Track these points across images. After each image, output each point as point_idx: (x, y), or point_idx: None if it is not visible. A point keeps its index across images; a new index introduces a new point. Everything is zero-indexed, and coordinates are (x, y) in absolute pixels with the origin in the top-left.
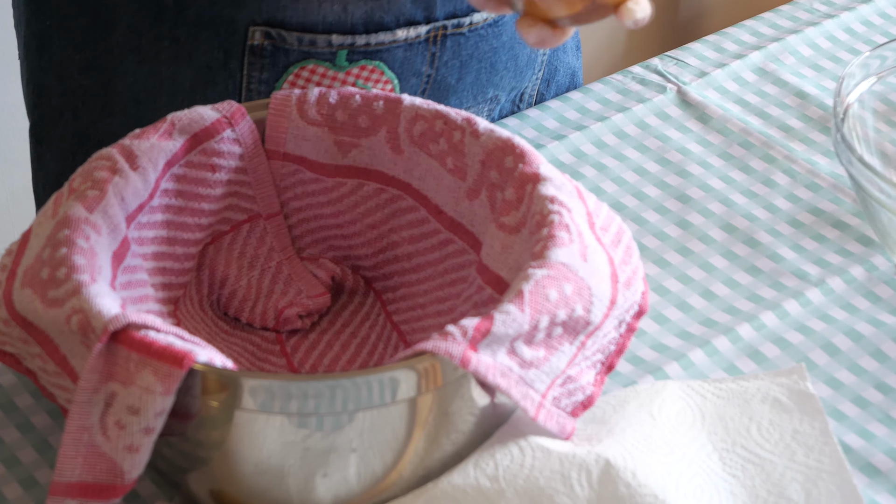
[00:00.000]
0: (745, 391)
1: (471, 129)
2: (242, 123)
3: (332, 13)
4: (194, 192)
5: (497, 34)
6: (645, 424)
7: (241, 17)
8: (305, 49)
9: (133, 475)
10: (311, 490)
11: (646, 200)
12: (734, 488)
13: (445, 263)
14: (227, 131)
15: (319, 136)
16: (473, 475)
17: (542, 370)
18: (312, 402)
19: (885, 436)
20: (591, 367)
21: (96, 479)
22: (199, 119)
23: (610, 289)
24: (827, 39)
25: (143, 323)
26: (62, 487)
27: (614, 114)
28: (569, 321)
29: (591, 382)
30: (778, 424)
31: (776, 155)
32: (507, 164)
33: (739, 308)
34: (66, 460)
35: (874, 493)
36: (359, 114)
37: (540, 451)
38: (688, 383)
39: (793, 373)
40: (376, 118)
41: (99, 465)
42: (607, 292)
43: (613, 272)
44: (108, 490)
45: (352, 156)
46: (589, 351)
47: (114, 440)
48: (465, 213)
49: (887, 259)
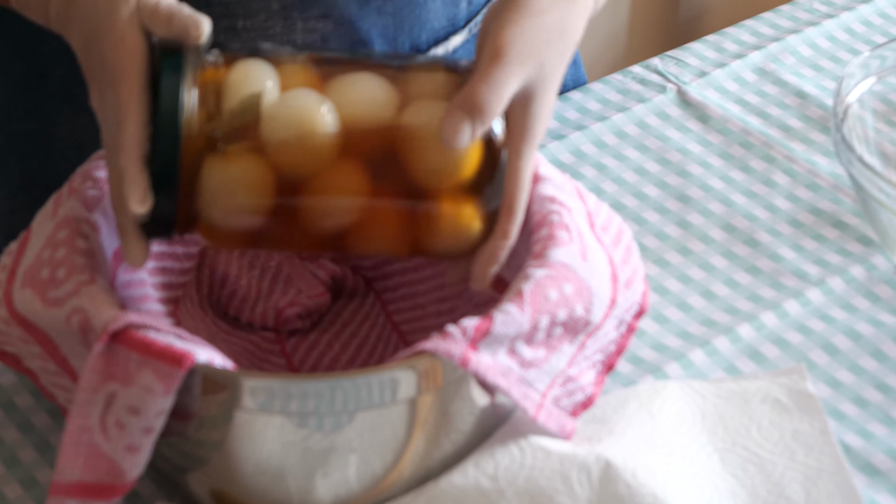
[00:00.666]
0: (745, 391)
1: None
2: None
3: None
4: None
5: None
6: (645, 424)
7: None
8: None
9: (133, 475)
10: (311, 490)
11: (646, 200)
12: (734, 488)
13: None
14: None
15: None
16: (473, 475)
17: (542, 370)
18: (312, 402)
19: (884, 436)
20: (591, 368)
21: (97, 480)
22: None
23: (610, 289)
24: (827, 39)
25: (142, 323)
26: (62, 487)
27: (614, 114)
28: (569, 321)
29: (592, 382)
30: (778, 424)
31: (776, 155)
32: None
33: (739, 308)
34: (66, 460)
35: (874, 492)
36: None
37: (540, 451)
38: (688, 383)
39: (793, 373)
40: None
41: (99, 465)
42: (607, 292)
43: (613, 272)
44: (108, 490)
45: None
46: (589, 351)
47: (114, 440)
48: None
49: (887, 259)
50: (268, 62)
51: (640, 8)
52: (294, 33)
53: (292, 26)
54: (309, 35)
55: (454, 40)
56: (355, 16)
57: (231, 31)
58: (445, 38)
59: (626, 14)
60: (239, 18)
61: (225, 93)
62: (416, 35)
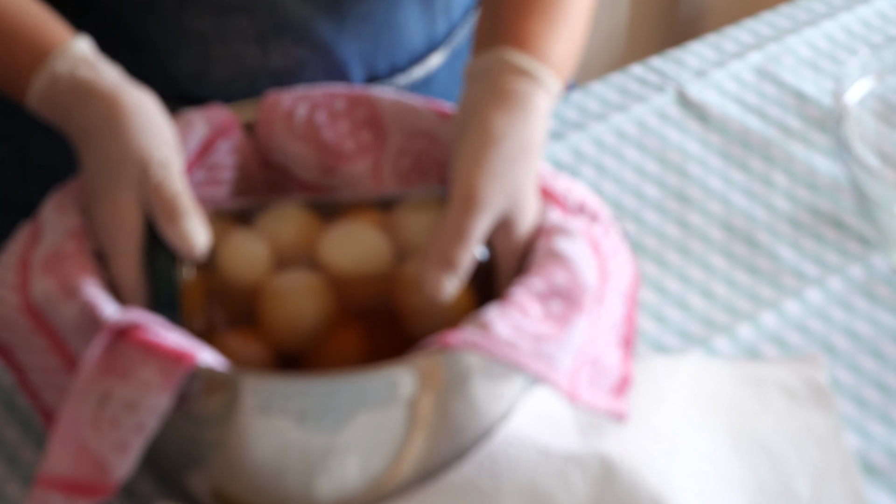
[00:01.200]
0: (760, 376)
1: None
2: (239, 135)
3: (240, 90)
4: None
5: (427, 91)
6: (652, 413)
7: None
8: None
9: (118, 475)
10: (311, 490)
11: (646, 200)
12: (742, 475)
13: None
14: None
15: (305, 152)
16: (473, 475)
17: (560, 344)
18: (312, 402)
19: (883, 435)
20: (610, 346)
21: (82, 476)
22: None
23: (594, 258)
24: (826, 40)
25: (146, 322)
26: (48, 479)
27: (614, 114)
28: (565, 288)
29: (618, 361)
30: (790, 415)
31: (775, 155)
32: None
33: (739, 308)
34: (55, 452)
35: (873, 492)
36: (346, 138)
37: (540, 451)
38: (704, 363)
39: (809, 361)
40: (363, 146)
41: (86, 461)
42: (591, 262)
43: (594, 243)
44: (92, 489)
45: (333, 178)
46: (604, 326)
47: (105, 436)
48: None
49: (886, 259)
50: (259, 229)
51: (640, 8)
52: (270, 58)
53: (268, 52)
54: (285, 60)
55: (433, 59)
56: (332, 41)
57: (206, 58)
58: (424, 56)
59: (626, 14)
60: (215, 44)
61: (220, 273)
62: (395, 56)
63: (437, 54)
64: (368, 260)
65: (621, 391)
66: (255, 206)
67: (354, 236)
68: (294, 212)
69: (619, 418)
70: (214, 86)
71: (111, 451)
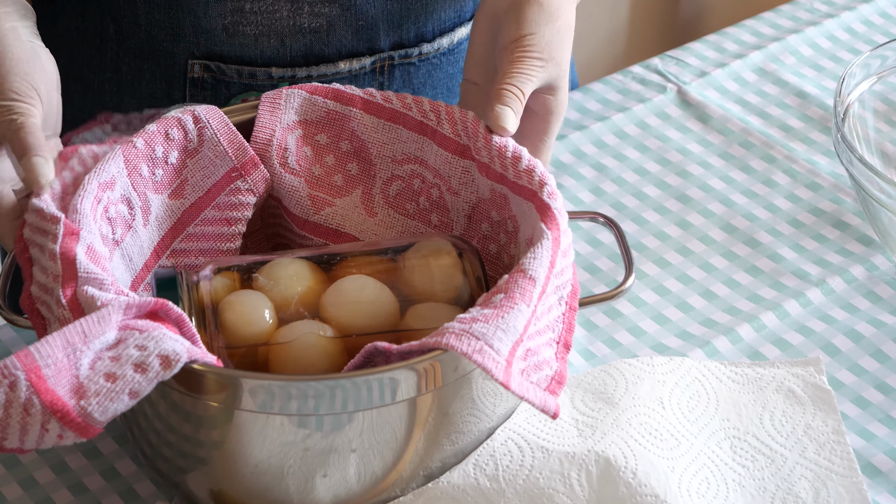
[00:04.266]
0: (761, 378)
1: (447, 187)
2: (255, 174)
3: (270, 47)
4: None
5: (453, 61)
6: (653, 414)
7: (180, 51)
8: (246, 82)
9: (89, 417)
10: (311, 490)
11: (646, 200)
12: (742, 479)
13: None
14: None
15: (296, 186)
16: (473, 475)
17: (496, 326)
18: (312, 402)
19: (885, 436)
20: (546, 345)
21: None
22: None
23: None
24: (827, 39)
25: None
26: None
27: (614, 114)
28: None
29: (553, 358)
30: (791, 417)
31: (776, 155)
32: (495, 217)
33: (740, 308)
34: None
35: (874, 493)
36: (334, 172)
37: (540, 451)
38: (705, 364)
39: (810, 364)
40: (351, 178)
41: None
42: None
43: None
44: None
45: (324, 214)
46: (540, 324)
47: (96, 375)
48: None
49: (887, 259)
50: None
51: (639, 8)
52: (301, 17)
53: (299, 10)
54: (315, 19)
55: (459, 32)
56: (362, 0)
57: (239, 12)
58: (451, 29)
59: (626, 14)
60: (247, 1)
61: (225, 332)
62: (422, 24)
63: (463, 28)
64: (373, 314)
65: (555, 389)
66: (257, 262)
67: (358, 291)
68: (297, 268)
69: (551, 416)
70: (244, 42)
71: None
